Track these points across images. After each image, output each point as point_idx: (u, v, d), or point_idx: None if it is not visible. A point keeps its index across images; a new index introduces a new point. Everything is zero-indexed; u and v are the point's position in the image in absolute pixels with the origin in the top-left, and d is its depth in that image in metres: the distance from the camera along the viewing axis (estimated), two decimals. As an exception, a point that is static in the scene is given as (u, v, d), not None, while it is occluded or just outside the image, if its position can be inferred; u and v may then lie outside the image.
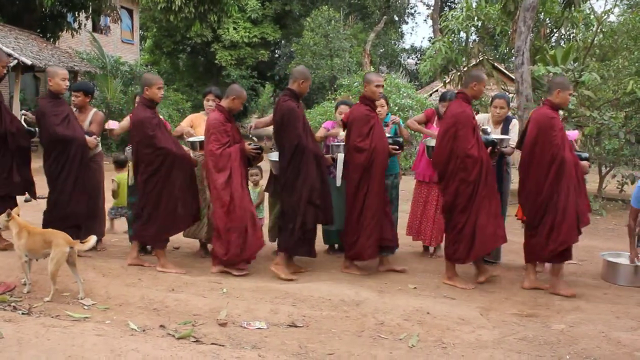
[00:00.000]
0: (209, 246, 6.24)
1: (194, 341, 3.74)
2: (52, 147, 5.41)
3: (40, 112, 5.46)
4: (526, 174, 5.23)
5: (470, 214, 5.14)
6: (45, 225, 5.38)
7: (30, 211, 6.47)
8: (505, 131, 5.97)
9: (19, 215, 4.74)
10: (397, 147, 5.77)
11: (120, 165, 7.17)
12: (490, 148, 5.35)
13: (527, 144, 5.21)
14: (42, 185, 5.77)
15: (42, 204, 5.73)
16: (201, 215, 5.91)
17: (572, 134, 5.85)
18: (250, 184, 6.48)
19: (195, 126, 6.05)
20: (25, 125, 5.72)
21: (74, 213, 5.45)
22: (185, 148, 5.80)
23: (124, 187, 6.59)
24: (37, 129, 5.67)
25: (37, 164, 6.07)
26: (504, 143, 5.82)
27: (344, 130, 5.87)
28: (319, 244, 6.59)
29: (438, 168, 5.37)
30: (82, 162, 5.48)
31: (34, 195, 5.81)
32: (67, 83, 5.57)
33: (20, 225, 4.58)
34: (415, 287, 5.22)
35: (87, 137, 5.59)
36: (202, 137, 5.75)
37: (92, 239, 4.64)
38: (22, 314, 4.06)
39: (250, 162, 5.61)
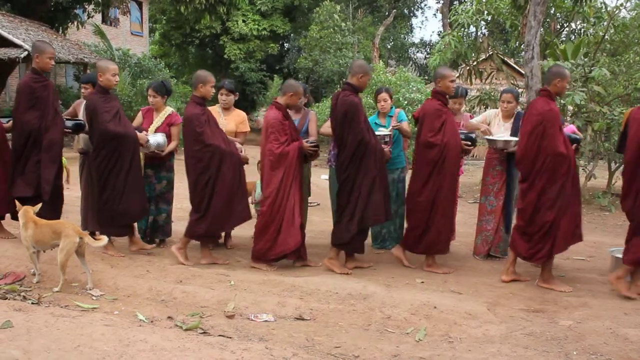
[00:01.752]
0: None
1: (202, 333, 3.76)
2: (103, 143, 5.33)
3: (91, 108, 5.35)
4: (633, 176, 4.98)
5: (558, 212, 5.00)
6: (98, 224, 5.43)
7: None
8: (515, 127, 5.94)
9: (37, 211, 4.75)
10: (470, 143, 5.69)
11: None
12: (575, 145, 5.25)
13: (635, 145, 4.95)
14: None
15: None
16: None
17: (568, 128, 5.84)
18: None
19: None
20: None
21: (127, 211, 5.43)
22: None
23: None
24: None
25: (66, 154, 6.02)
26: (511, 144, 5.76)
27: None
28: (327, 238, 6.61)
29: (524, 166, 5.19)
30: (134, 159, 5.43)
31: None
32: (118, 78, 5.51)
33: (27, 217, 4.60)
34: (422, 282, 5.22)
35: (138, 134, 5.56)
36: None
37: (104, 239, 4.66)
38: (32, 303, 4.09)
39: (306, 159, 5.60)
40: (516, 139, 5.80)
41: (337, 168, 5.51)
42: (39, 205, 4.85)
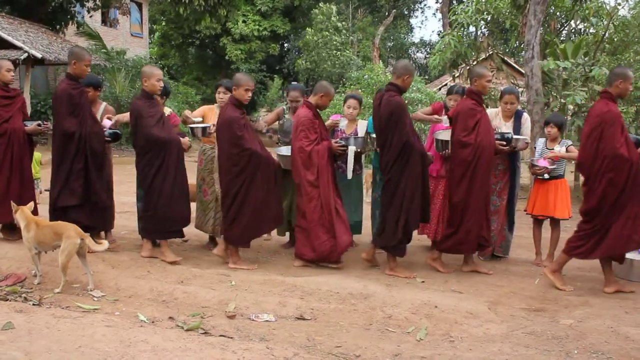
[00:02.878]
0: (217, 239, 6.25)
1: (203, 333, 3.76)
2: (147, 148, 5.34)
3: (136, 113, 5.36)
4: None
5: (611, 214, 4.93)
6: (145, 230, 5.46)
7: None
8: (517, 126, 5.94)
9: (33, 210, 4.77)
10: (505, 144, 5.61)
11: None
12: None
13: None
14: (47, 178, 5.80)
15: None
16: (208, 208, 5.95)
17: None
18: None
19: (206, 118, 6.05)
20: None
21: (176, 217, 5.44)
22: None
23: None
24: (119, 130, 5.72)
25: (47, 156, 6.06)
26: (519, 142, 5.74)
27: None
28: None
29: (583, 170, 5.13)
30: (178, 164, 5.42)
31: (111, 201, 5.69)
32: (162, 83, 5.52)
33: (28, 218, 4.61)
34: (423, 281, 5.22)
35: (181, 139, 5.54)
36: (205, 124, 5.80)
37: (105, 244, 4.66)
38: (33, 304, 4.10)
39: (335, 159, 5.61)
40: (524, 137, 5.79)
41: (381, 170, 5.49)
42: (32, 204, 4.89)
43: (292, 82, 9.41)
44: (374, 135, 6.04)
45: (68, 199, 5.27)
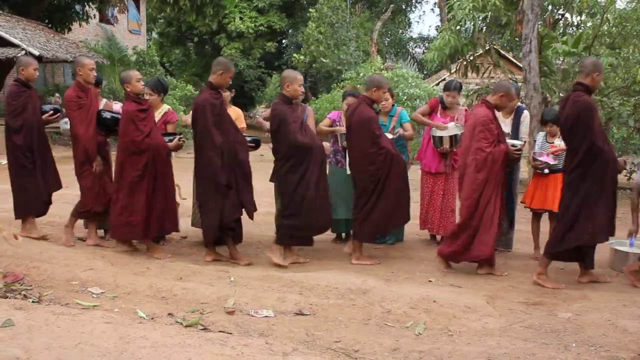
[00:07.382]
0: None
1: (202, 329, 3.77)
2: (290, 154, 5.29)
3: (280, 118, 5.29)
4: None
5: None
6: (283, 235, 5.43)
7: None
8: (516, 123, 5.94)
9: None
10: None
11: None
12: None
13: None
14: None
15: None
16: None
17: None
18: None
19: None
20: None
21: (317, 224, 5.44)
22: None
23: None
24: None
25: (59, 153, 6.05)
26: (515, 146, 5.54)
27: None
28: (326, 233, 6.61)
29: None
30: (322, 170, 5.37)
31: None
32: (303, 89, 5.50)
33: None
34: (431, 280, 5.16)
35: (324, 144, 5.50)
36: None
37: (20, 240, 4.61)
38: (33, 302, 4.10)
39: (508, 164, 5.41)
40: (519, 142, 5.65)
41: (566, 174, 5.05)
42: None
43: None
44: None
45: (234, 214, 5.33)
